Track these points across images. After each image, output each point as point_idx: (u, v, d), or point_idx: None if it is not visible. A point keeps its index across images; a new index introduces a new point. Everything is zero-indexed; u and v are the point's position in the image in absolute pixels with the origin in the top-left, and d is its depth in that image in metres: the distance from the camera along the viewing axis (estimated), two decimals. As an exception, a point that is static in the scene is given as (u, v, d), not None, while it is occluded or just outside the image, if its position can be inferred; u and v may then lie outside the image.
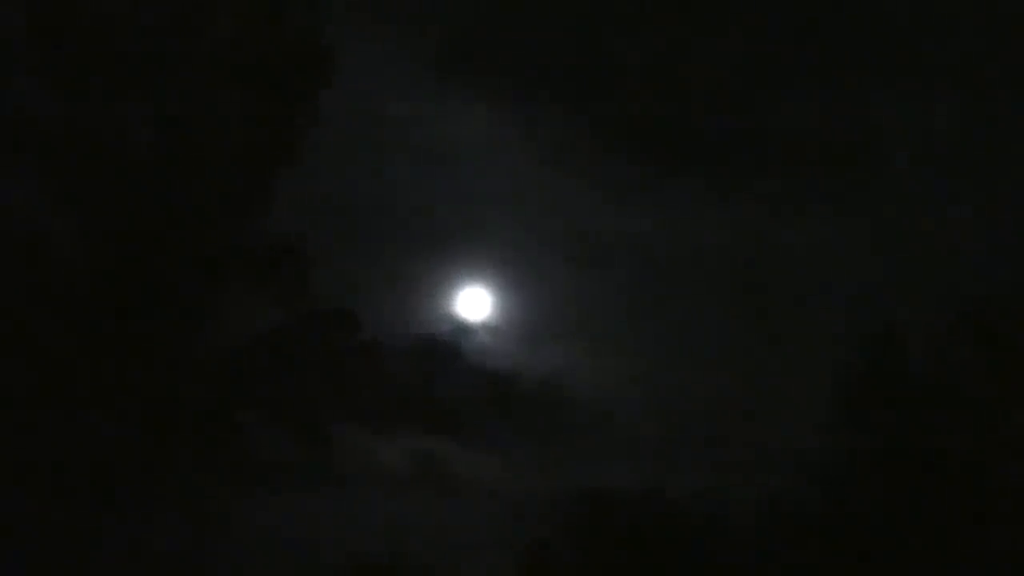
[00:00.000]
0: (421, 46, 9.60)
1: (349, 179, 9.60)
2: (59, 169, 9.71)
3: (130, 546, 9.12)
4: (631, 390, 9.34)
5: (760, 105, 9.53)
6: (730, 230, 9.32)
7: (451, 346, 9.43)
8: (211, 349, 9.55)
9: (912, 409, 9.51)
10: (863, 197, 9.62)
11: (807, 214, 9.39)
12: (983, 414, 9.30)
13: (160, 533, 9.20)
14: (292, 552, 9.10)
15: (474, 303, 9.43)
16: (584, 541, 9.80)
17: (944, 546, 9.10)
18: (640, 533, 9.67)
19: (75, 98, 9.66)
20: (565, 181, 9.43)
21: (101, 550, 9.15)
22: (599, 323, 9.46)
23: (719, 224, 9.31)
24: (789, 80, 9.44)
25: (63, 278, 9.58)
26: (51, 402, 9.42)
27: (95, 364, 9.42)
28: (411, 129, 9.43)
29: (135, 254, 9.59)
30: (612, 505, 9.67)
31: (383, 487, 9.32)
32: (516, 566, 9.61)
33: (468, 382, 9.37)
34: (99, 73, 9.70)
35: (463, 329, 9.43)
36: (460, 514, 9.33)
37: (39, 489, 9.16)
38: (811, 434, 9.38)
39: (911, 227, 9.52)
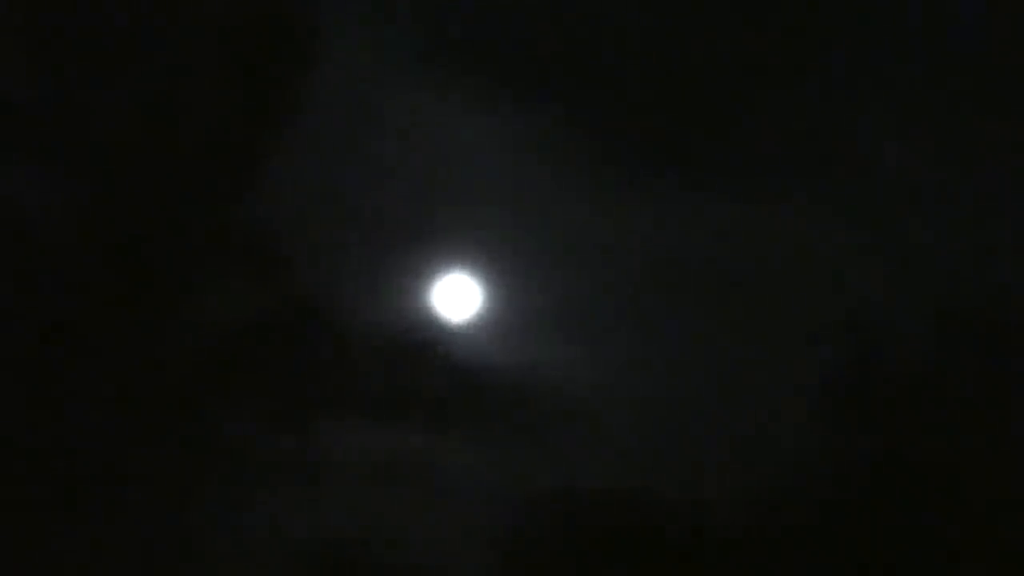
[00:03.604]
0: (409, 36, 9.51)
1: (331, 170, 9.51)
2: (35, 152, 9.64)
3: (109, 538, 9.08)
4: (616, 387, 9.27)
5: (753, 105, 9.48)
6: (719, 228, 9.25)
7: (433, 340, 9.35)
8: (188, 340, 9.48)
9: (901, 409, 9.44)
10: (855, 197, 9.57)
11: (797, 214, 9.33)
12: (972, 413, 9.24)
13: (137, 524, 9.15)
14: (265, 544, 9.02)
15: (457, 298, 9.34)
16: (566, 538, 9.75)
17: (935, 547, 9.03)
18: (623, 531, 9.62)
19: (54, 80, 9.61)
20: (552, 177, 9.35)
21: (80, 543, 9.11)
22: (584, 320, 9.38)
23: (708, 222, 9.23)
24: (783, 79, 9.38)
25: (39, 266, 9.51)
26: (29, 394, 9.38)
27: (71, 354, 9.36)
28: (398, 121, 9.38)
29: (112, 242, 9.54)
30: (595, 502, 9.62)
31: (362, 481, 9.24)
32: (497, 562, 9.54)
33: (450, 377, 9.30)
34: (80, 57, 9.65)
35: (445, 324, 9.34)
36: (440, 510, 9.25)
37: (19, 482, 9.14)
38: (798, 433, 9.33)
39: (903, 227, 9.44)
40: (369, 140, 9.36)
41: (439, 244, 9.29)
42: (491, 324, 9.32)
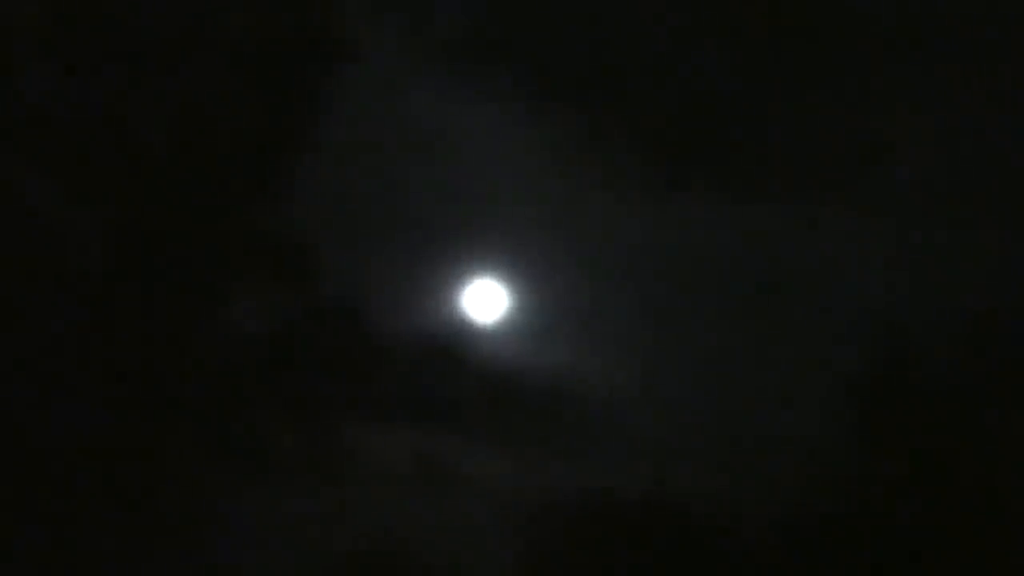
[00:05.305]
0: (432, 40, 9.51)
1: (358, 174, 9.51)
2: (66, 159, 9.63)
3: (132, 539, 9.08)
4: (643, 390, 9.27)
5: (773, 108, 9.47)
6: (746, 232, 9.24)
7: (458, 343, 9.36)
8: (214, 344, 9.49)
9: (927, 409, 9.44)
10: (875, 201, 9.56)
11: (818, 217, 9.33)
12: (998, 420, 9.24)
13: (162, 525, 9.16)
14: (294, 547, 9.03)
15: (482, 301, 9.34)
16: (590, 541, 9.74)
17: (956, 553, 9.04)
18: (647, 534, 9.62)
19: (83, 88, 9.60)
20: (579, 183, 9.35)
21: (103, 543, 9.12)
22: (608, 323, 9.38)
23: (734, 227, 9.22)
24: (801, 83, 9.38)
25: (68, 268, 9.51)
26: (55, 394, 9.38)
27: (99, 356, 9.37)
28: (426, 127, 9.37)
29: (139, 247, 9.53)
30: (619, 505, 9.61)
31: (387, 484, 9.24)
32: (521, 565, 9.54)
33: (475, 380, 9.31)
34: (108, 63, 9.63)
35: (470, 327, 9.36)
36: (465, 512, 9.26)
37: (42, 480, 9.14)
38: (822, 438, 9.34)
39: (924, 231, 9.45)
40: (397, 146, 9.36)
41: (467, 249, 9.29)
42: (519, 328, 9.33)
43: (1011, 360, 9.35)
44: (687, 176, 9.47)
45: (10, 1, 9.66)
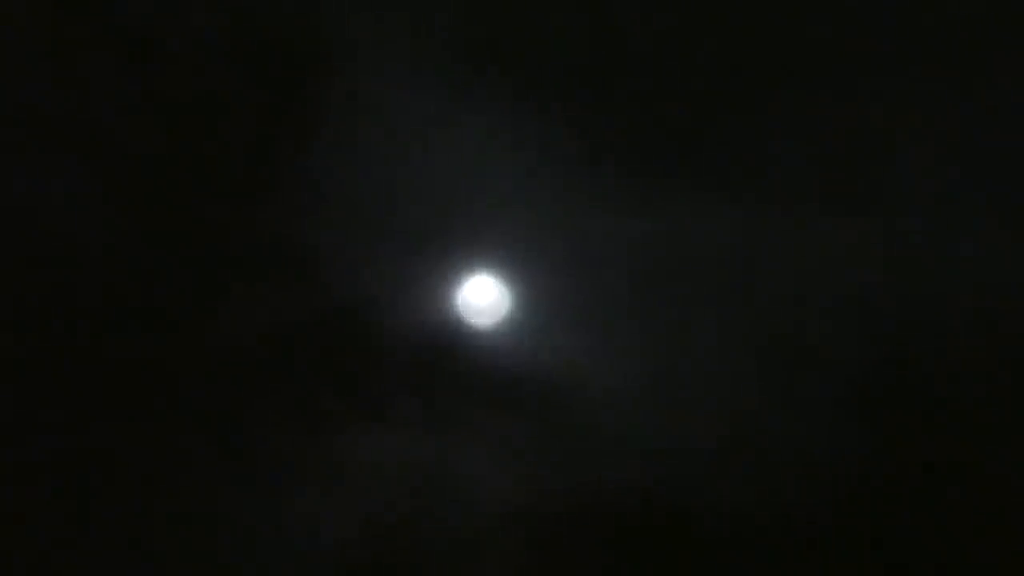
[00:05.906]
0: (429, 41, 9.51)
1: (354, 175, 9.51)
2: (58, 162, 9.63)
3: (130, 539, 9.07)
4: (641, 390, 9.26)
5: (772, 108, 9.47)
6: (741, 231, 9.23)
7: (456, 344, 9.35)
8: (212, 344, 9.48)
9: (926, 414, 9.43)
10: (875, 201, 9.56)
11: (816, 215, 9.33)
12: (999, 420, 9.23)
13: (161, 526, 9.14)
14: (292, 547, 9.02)
15: (479, 301, 9.34)
16: (590, 541, 9.72)
17: (956, 554, 9.02)
18: (647, 534, 9.61)
19: (82, 90, 9.60)
20: (576, 181, 9.33)
21: (101, 543, 9.10)
22: (608, 323, 9.37)
23: (730, 225, 9.21)
24: (793, 80, 9.38)
25: (63, 272, 9.50)
26: (53, 394, 9.37)
27: (99, 358, 9.36)
28: (424, 127, 9.36)
29: (138, 247, 9.53)
30: (619, 506, 9.60)
31: (386, 484, 9.24)
32: (520, 565, 9.51)
33: (474, 380, 9.30)
34: (109, 67, 9.64)
35: (468, 327, 9.35)
36: (464, 513, 9.25)
37: (40, 480, 9.13)
38: (820, 437, 9.32)
39: (921, 229, 9.44)
40: (395, 146, 9.36)
41: (465, 248, 9.28)
42: (518, 327, 9.32)
43: (1011, 360, 9.34)
44: (688, 176, 9.47)
45: (10, 1, 9.67)
